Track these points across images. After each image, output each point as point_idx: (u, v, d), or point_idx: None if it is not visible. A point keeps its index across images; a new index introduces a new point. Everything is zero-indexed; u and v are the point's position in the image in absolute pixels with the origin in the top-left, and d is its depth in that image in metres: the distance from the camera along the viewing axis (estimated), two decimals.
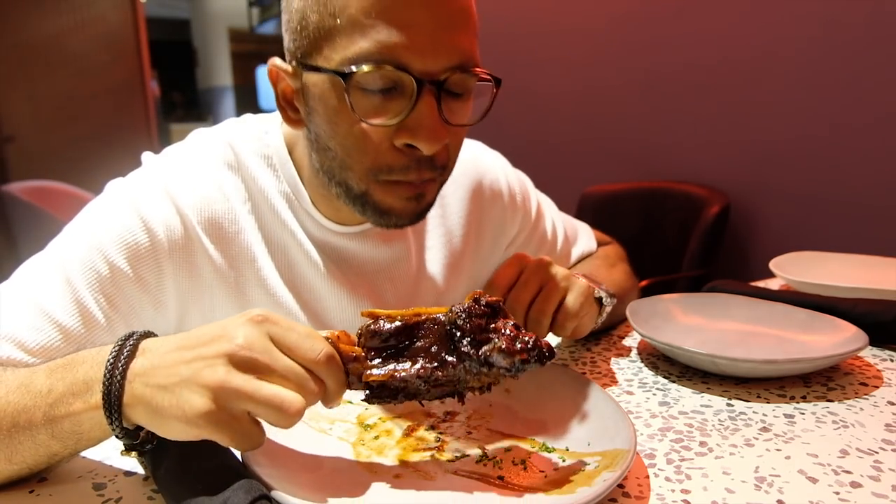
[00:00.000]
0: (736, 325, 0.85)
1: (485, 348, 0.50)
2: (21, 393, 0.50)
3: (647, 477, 0.53)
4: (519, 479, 0.52)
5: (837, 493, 0.50)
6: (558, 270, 0.71)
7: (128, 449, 0.50)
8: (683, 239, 2.00)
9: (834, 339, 0.76)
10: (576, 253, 1.00)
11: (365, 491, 0.50)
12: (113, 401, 0.46)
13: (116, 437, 0.48)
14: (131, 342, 0.48)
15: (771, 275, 1.06)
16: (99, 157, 4.16)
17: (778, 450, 0.57)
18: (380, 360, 0.51)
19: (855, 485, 0.51)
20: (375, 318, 0.52)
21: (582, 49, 2.58)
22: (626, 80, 2.40)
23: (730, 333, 0.84)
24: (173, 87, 8.27)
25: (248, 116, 0.79)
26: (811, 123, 1.82)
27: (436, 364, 0.50)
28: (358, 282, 0.77)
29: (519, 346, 0.49)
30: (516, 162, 1.00)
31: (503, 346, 0.49)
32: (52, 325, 0.61)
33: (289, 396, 0.44)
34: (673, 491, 0.51)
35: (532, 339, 0.49)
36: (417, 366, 0.50)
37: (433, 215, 0.84)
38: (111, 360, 0.46)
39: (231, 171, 0.72)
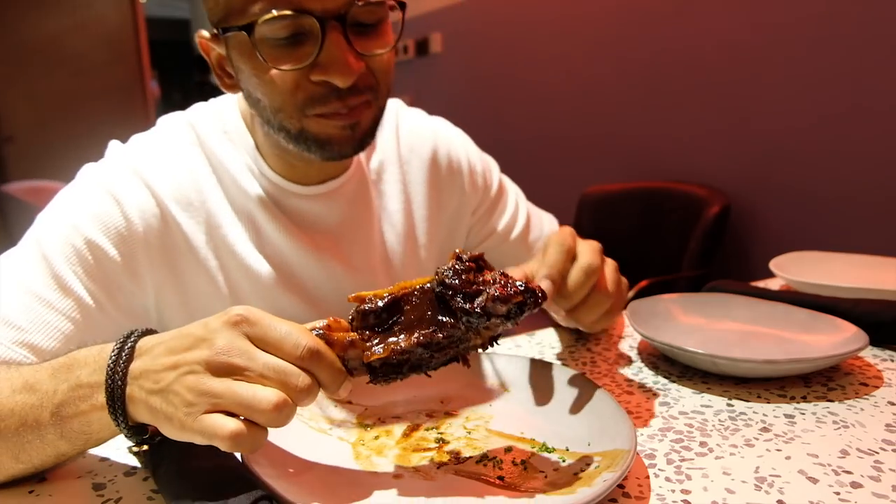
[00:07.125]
0: (736, 325, 0.85)
1: (479, 300, 0.49)
2: (28, 392, 0.51)
3: (648, 477, 0.53)
4: (519, 480, 0.51)
5: (838, 494, 0.50)
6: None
7: (138, 444, 0.50)
8: (683, 239, 2.00)
9: (834, 339, 0.76)
10: (536, 234, 0.99)
11: (364, 491, 0.50)
12: (116, 403, 0.47)
13: (126, 436, 0.49)
14: (129, 343, 0.49)
15: (771, 275, 1.06)
16: (98, 157, 4.16)
17: (778, 450, 0.57)
18: (377, 339, 0.50)
19: (855, 485, 0.51)
20: (363, 300, 0.51)
21: (582, 49, 2.58)
22: (626, 79, 2.40)
23: (730, 333, 0.84)
24: (173, 87, 8.26)
25: (212, 100, 0.82)
26: (811, 123, 1.82)
27: (434, 328, 0.50)
28: (323, 243, 0.79)
29: (512, 290, 0.49)
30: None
31: (497, 294, 0.49)
32: (37, 301, 0.64)
33: (262, 392, 0.43)
34: (673, 491, 0.51)
35: (524, 283, 0.50)
36: (416, 334, 0.49)
37: (394, 181, 0.87)
38: (111, 365, 0.47)
39: (194, 148, 0.77)
